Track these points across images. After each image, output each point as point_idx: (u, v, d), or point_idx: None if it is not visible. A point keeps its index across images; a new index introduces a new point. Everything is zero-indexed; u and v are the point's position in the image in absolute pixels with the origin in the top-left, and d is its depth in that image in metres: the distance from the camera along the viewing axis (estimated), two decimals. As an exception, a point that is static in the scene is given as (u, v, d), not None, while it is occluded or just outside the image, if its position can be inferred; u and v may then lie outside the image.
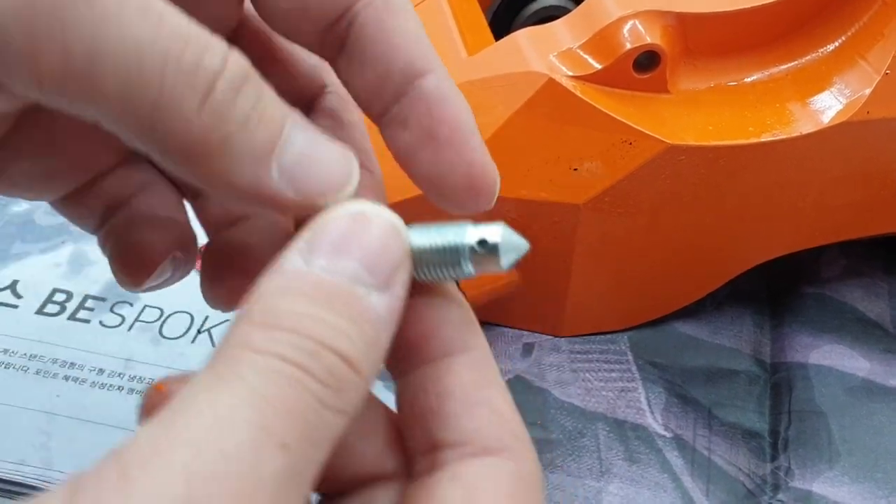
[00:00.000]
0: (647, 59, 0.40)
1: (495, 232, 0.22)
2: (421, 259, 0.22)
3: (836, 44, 0.42)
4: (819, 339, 0.46)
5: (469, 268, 0.22)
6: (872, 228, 0.46)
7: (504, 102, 0.41)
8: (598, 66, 0.40)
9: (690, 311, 0.47)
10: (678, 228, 0.44)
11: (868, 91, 0.40)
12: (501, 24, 0.56)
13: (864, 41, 0.41)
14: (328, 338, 0.20)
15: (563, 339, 0.47)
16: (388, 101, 0.25)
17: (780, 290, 0.49)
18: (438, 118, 0.24)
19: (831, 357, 0.45)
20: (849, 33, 0.42)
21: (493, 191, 0.25)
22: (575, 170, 0.41)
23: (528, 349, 0.46)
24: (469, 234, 0.22)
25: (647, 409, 0.43)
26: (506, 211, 0.43)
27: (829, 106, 0.41)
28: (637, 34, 0.40)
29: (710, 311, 0.48)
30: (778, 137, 0.40)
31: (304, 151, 0.21)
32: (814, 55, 0.43)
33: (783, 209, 0.44)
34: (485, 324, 0.47)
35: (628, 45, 0.40)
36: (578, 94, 0.40)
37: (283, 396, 0.19)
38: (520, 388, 0.44)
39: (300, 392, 0.19)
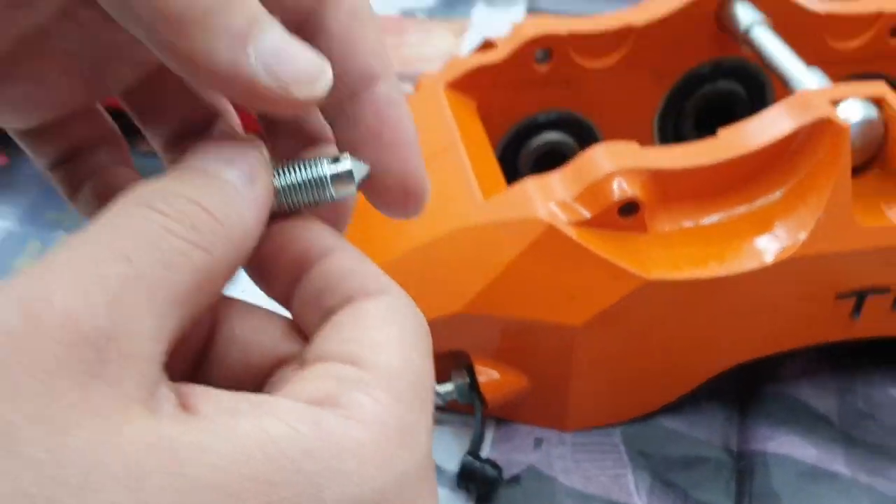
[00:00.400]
0: (630, 207, 0.45)
1: (347, 161, 0.24)
2: (289, 189, 0.24)
3: (781, 192, 0.48)
4: (777, 430, 0.50)
5: (331, 192, 0.24)
6: (819, 337, 0.50)
7: (512, 244, 0.46)
8: (589, 216, 0.46)
9: (673, 408, 0.51)
10: (661, 343, 0.48)
11: (804, 234, 0.45)
12: (510, 156, 0.62)
13: (804, 191, 0.47)
14: (182, 190, 0.21)
15: (567, 433, 0.51)
16: (342, 100, 0.25)
17: (747, 388, 0.53)
18: (385, 121, 0.25)
19: (786, 446, 0.49)
20: (790, 184, 0.47)
21: (423, 197, 0.26)
22: (572, 298, 0.46)
23: (538, 443, 0.50)
24: (326, 166, 0.24)
25: (634, 491, 0.47)
26: (514, 327, 0.47)
27: (773, 245, 0.46)
28: (622, 188, 0.45)
29: (689, 408, 0.51)
30: (734, 272, 0.45)
31: (280, 44, 0.22)
32: (764, 200, 0.48)
33: (745, 325, 0.48)
34: (502, 421, 0.52)
35: (615, 198, 0.45)
36: (573, 237, 0.45)
37: (129, 224, 0.20)
38: (532, 476, 0.48)
39: (147, 222, 0.20)
